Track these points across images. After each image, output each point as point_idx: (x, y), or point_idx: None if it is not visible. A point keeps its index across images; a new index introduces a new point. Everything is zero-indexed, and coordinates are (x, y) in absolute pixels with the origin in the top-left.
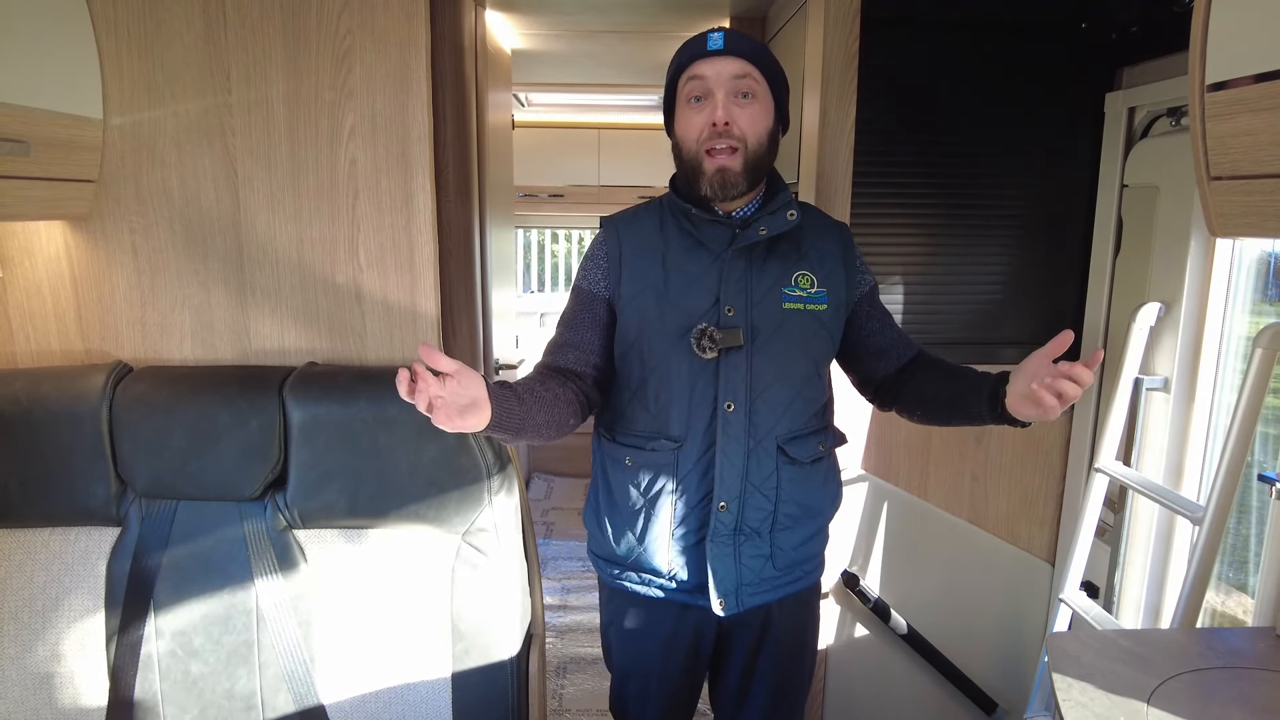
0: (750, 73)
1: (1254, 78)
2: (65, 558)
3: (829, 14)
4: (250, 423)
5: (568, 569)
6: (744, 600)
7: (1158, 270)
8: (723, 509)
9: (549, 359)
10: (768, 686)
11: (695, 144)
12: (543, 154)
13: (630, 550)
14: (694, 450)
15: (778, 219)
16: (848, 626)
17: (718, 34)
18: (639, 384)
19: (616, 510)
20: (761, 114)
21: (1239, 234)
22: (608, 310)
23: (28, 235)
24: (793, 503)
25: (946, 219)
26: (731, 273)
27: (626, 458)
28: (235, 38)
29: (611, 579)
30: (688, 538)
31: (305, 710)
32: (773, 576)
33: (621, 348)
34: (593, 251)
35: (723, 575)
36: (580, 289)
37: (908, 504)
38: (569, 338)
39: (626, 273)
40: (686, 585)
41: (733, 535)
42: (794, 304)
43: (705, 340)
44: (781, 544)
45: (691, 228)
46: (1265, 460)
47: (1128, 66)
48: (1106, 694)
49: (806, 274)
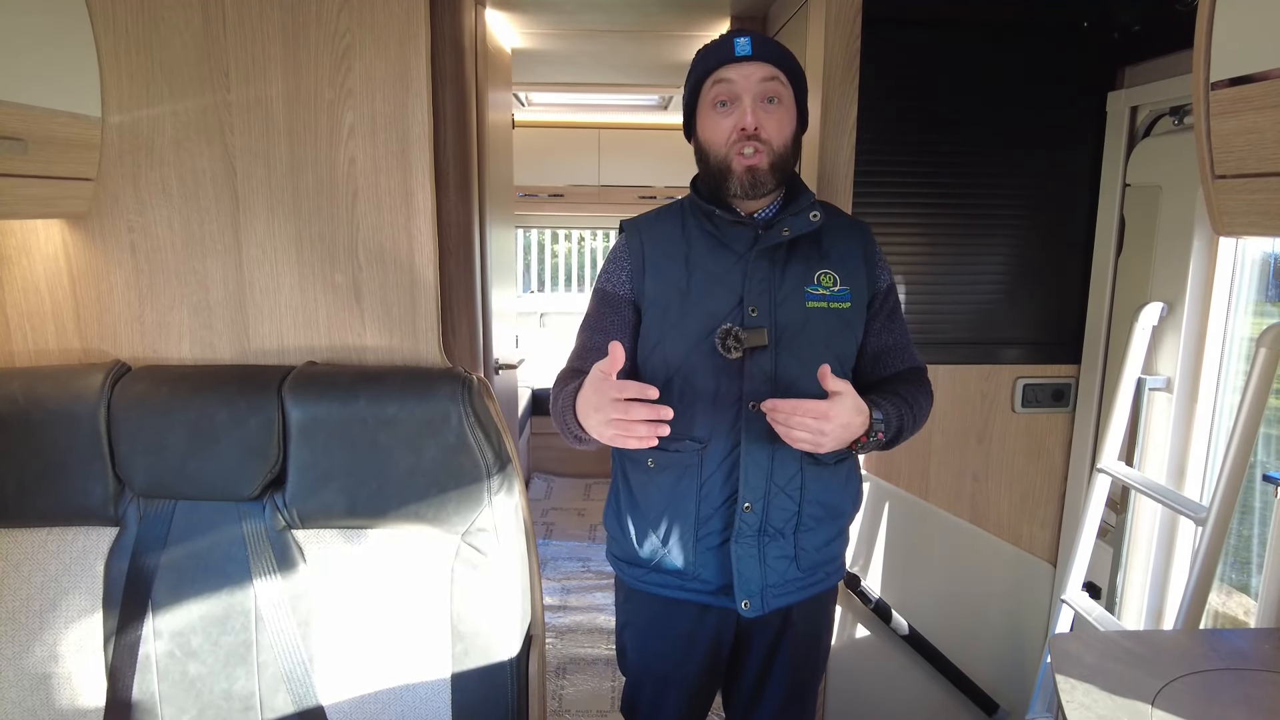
0: (777, 76)
1: (1259, 75)
2: (63, 558)
3: (830, 13)
4: (249, 422)
5: (568, 569)
6: (769, 601)
7: (1160, 270)
8: (747, 510)
9: (578, 364)
10: (782, 687)
11: (724, 146)
12: (543, 154)
13: (654, 552)
14: (718, 451)
15: (800, 220)
16: (849, 627)
17: (744, 40)
18: (663, 385)
19: (639, 512)
20: (787, 118)
21: (1243, 233)
22: (634, 311)
23: (25, 234)
24: (816, 503)
25: (948, 219)
26: (755, 273)
27: (649, 459)
28: (234, 36)
29: (634, 581)
30: (711, 539)
31: (304, 711)
32: (797, 578)
33: (645, 349)
34: (615, 255)
35: (748, 577)
36: (604, 292)
37: (909, 505)
38: (596, 341)
39: (650, 274)
40: (710, 587)
41: (757, 536)
42: (818, 303)
43: (730, 340)
44: (805, 545)
45: (714, 229)
46: (1268, 461)
47: (1130, 65)
48: (1110, 695)
49: (829, 273)
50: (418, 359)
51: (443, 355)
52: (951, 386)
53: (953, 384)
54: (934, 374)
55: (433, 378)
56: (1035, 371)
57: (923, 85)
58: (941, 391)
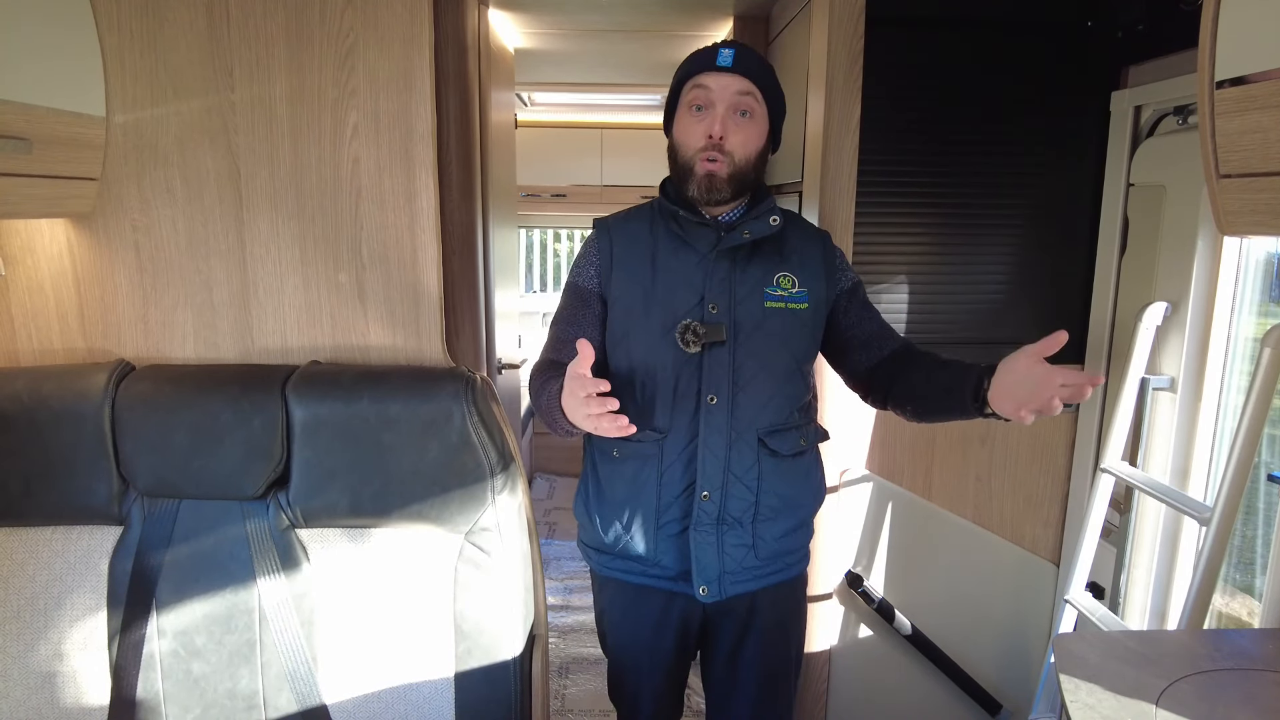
0: (753, 92)
1: (1265, 74)
2: (67, 557)
3: (833, 13)
4: (253, 422)
5: (570, 569)
6: (726, 588)
7: (1164, 270)
8: (705, 498)
9: (553, 355)
10: (755, 674)
11: (691, 150)
12: (545, 154)
13: (618, 539)
14: (678, 441)
15: (761, 223)
16: (852, 627)
17: (728, 51)
18: (626, 377)
19: (604, 500)
20: (755, 134)
21: (1248, 232)
22: (602, 305)
23: (30, 233)
24: (773, 494)
25: (951, 218)
26: (716, 272)
27: (614, 449)
28: (238, 35)
29: (601, 567)
30: (672, 526)
31: (307, 710)
32: (755, 566)
33: (611, 342)
34: (586, 250)
35: (705, 563)
36: (575, 286)
37: (912, 505)
38: (570, 333)
39: (618, 271)
40: (671, 572)
41: (715, 524)
42: (776, 303)
43: (689, 335)
44: (763, 534)
45: (679, 229)
46: (1273, 461)
47: (1134, 65)
48: (1114, 695)
49: (788, 275)
50: (421, 358)
51: (446, 355)
52: None
53: None
54: None
55: (436, 377)
56: None
57: (925, 84)
58: None
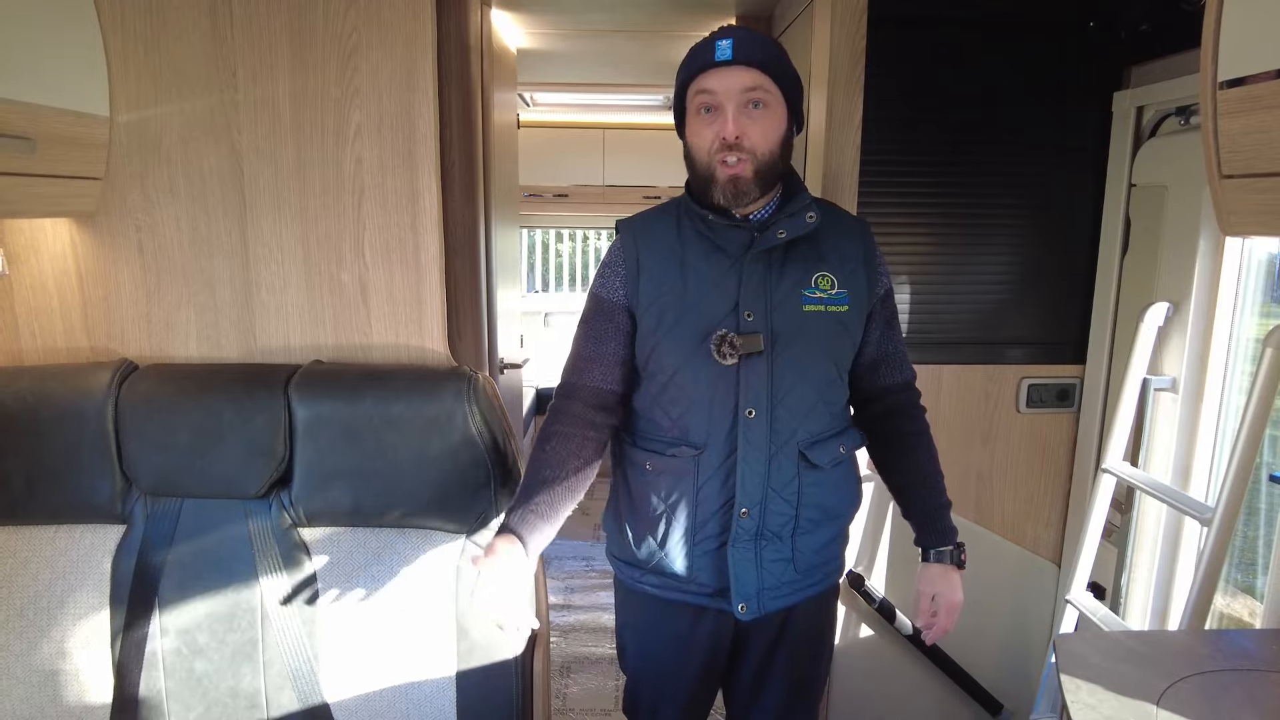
0: (761, 83)
1: (1268, 74)
2: (70, 555)
3: (836, 12)
4: (255, 420)
5: (571, 569)
6: (765, 604)
7: (1166, 270)
8: (744, 515)
9: (573, 379)
10: (783, 685)
11: (707, 154)
12: (548, 154)
13: (651, 554)
14: (715, 457)
15: (797, 221)
16: (853, 627)
17: (726, 42)
18: (659, 390)
19: (637, 515)
20: (773, 123)
21: (1251, 233)
22: (629, 318)
23: (34, 232)
24: (814, 506)
25: (953, 218)
26: (750, 277)
27: (647, 463)
28: (241, 35)
29: (631, 581)
30: (708, 543)
31: (309, 708)
32: (794, 580)
33: (641, 353)
34: (610, 259)
35: (744, 580)
36: (599, 297)
37: None
38: (592, 350)
39: (645, 278)
40: (707, 590)
41: (754, 540)
42: (814, 305)
43: (725, 347)
44: (802, 547)
45: (709, 231)
46: (1274, 461)
47: (1136, 65)
48: (1115, 695)
49: (827, 275)
50: (423, 358)
51: (449, 354)
52: (956, 386)
53: (958, 384)
54: (939, 374)
55: (438, 377)
56: (1040, 371)
57: (928, 84)
58: (946, 391)
